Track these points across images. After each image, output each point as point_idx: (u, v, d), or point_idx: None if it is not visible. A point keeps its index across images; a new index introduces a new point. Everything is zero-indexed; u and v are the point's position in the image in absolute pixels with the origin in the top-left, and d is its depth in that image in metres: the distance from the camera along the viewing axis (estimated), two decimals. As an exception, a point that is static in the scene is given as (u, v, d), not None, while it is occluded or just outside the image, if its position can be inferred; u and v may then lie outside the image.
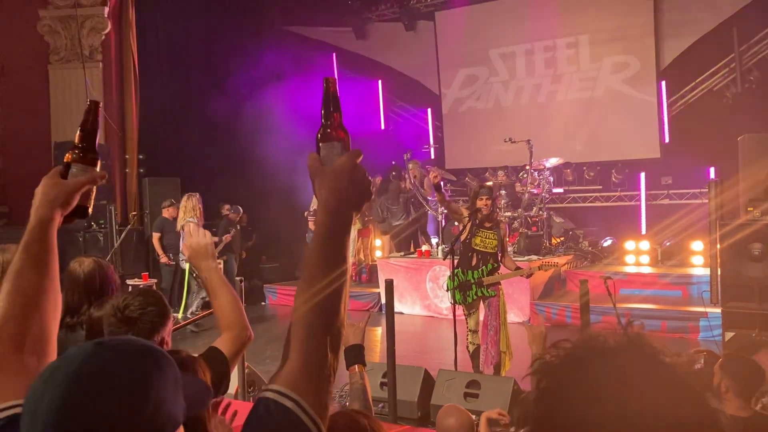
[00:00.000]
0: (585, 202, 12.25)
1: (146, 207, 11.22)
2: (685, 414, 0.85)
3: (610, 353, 0.90)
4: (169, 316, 2.49)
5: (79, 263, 3.29)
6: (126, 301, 2.41)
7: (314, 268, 1.16)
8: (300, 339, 1.13)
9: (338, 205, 1.20)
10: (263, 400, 1.08)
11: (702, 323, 8.18)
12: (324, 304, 1.15)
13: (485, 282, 6.45)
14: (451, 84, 13.97)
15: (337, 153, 1.26)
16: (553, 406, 0.90)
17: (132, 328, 2.35)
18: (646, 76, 12.08)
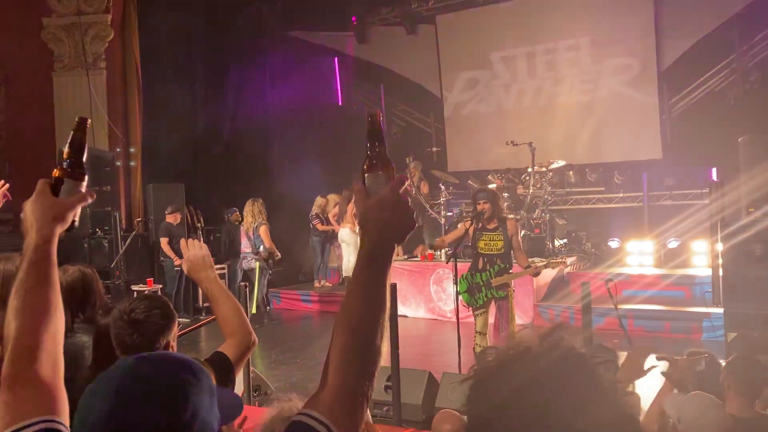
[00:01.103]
0: (587, 204, 12.28)
1: (150, 213, 11.27)
2: (592, 410, 0.91)
3: (528, 357, 0.98)
4: (175, 320, 2.53)
5: (63, 271, 3.32)
6: (132, 305, 2.45)
7: (354, 296, 1.22)
8: (337, 366, 1.18)
9: (380, 236, 1.24)
10: (297, 423, 1.16)
11: (705, 324, 8.20)
12: (362, 332, 1.20)
13: (494, 283, 6.47)
14: (453, 87, 14.01)
15: (382, 183, 1.31)
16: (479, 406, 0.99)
17: (138, 330, 2.39)
18: (648, 77, 12.10)
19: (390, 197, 1.26)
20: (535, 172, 10.77)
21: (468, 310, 6.82)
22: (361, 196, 1.29)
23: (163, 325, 2.44)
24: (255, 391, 6.07)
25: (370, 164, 1.34)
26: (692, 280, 9.38)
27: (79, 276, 3.31)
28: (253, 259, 10.22)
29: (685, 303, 9.06)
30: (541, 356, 0.97)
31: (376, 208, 1.25)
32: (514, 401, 0.94)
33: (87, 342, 3.18)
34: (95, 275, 3.44)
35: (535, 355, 0.98)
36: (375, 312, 1.21)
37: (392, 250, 1.26)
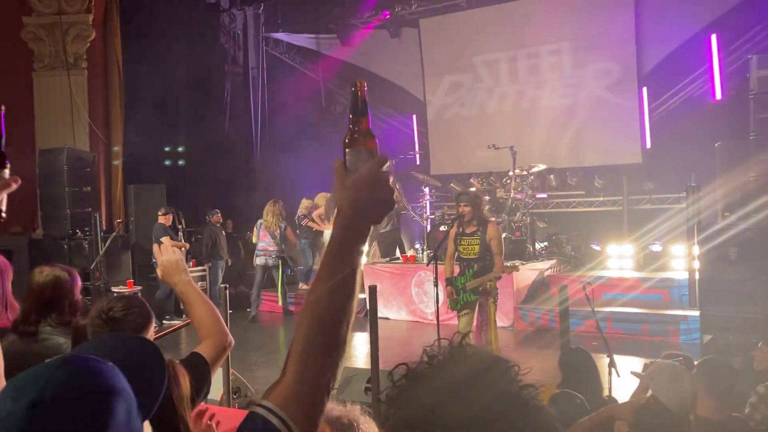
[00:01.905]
0: (568, 208, 12.38)
1: (131, 214, 11.22)
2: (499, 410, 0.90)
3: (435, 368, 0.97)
4: (152, 320, 2.54)
5: (39, 272, 3.32)
6: (110, 303, 2.47)
7: (321, 281, 1.14)
8: (298, 355, 1.13)
9: (354, 218, 1.16)
10: (252, 415, 1.10)
11: (682, 326, 8.30)
12: (326, 322, 1.13)
13: (468, 287, 6.53)
14: (436, 91, 14.07)
15: (363, 160, 1.20)
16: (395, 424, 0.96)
17: (115, 329, 2.40)
18: (628, 82, 12.23)
19: (370, 175, 1.17)
20: (516, 175, 10.84)
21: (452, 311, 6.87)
22: (339, 174, 1.19)
23: (140, 324, 2.46)
24: (235, 393, 6.07)
25: (352, 138, 1.23)
26: (671, 283, 9.48)
27: (52, 279, 3.28)
28: (278, 257, 10.83)
29: (663, 306, 9.17)
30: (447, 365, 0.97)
31: (354, 187, 1.16)
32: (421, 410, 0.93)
33: (64, 344, 3.18)
34: (73, 279, 3.40)
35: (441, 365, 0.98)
36: (342, 300, 1.13)
37: (366, 232, 1.18)
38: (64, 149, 10.64)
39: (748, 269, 6.16)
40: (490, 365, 0.96)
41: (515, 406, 0.91)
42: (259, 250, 10.88)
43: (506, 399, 0.91)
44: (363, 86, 1.30)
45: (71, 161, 10.60)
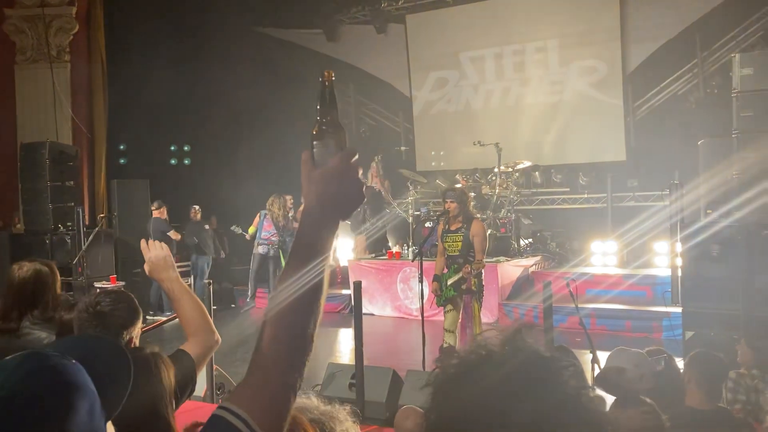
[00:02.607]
0: (553, 204, 12.43)
1: (114, 209, 11.13)
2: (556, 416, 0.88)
3: (490, 362, 0.93)
4: (140, 316, 2.53)
5: (19, 267, 3.29)
6: (98, 297, 2.46)
7: (288, 280, 1.11)
8: (263, 355, 1.10)
9: (322, 212, 1.13)
10: (215, 418, 1.07)
11: (665, 323, 8.37)
12: (293, 320, 1.10)
13: (449, 283, 6.55)
14: (422, 87, 14.07)
15: (332, 153, 1.16)
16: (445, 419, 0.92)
17: (102, 323, 2.39)
18: (613, 80, 12.30)
19: (338, 168, 1.13)
20: (501, 172, 10.87)
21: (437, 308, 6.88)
22: (307, 167, 1.15)
23: (127, 319, 2.46)
24: (219, 389, 6.04)
25: (320, 131, 1.19)
26: (654, 280, 9.55)
27: (33, 274, 3.25)
28: (280, 248, 10.80)
29: (646, 302, 9.24)
30: (505, 361, 0.92)
31: (322, 180, 1.13)
32: (477, 408, 0.89)
33: (46, 339, 3.15)
34: (53, 274, 3.37)
35: (497, 360, 0.92)
36: (309, 298, 1.11)
37: (335, 227, 1.14)
38: (47, 143, 10.53)
39: (729, 266, 6.21)
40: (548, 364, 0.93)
41: (574, 409, 0.89)
42: (263, 239, 10.88)
43: (565, 401, 0.89)
44: (331, 77, 1.25)
45: (53, 155, 10.49)
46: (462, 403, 0.91)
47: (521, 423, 0.87)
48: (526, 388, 0.89)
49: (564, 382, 0.92)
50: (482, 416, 0.89)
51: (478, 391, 0.91)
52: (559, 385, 0.91)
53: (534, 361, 0.93)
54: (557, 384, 0.91)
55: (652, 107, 12.10)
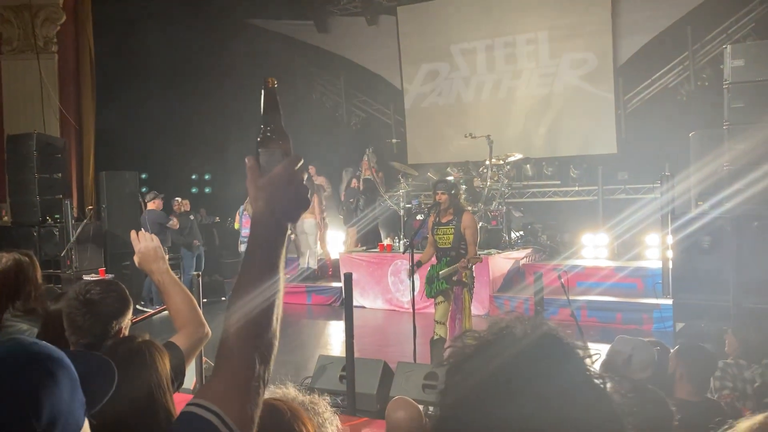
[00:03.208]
0: (544, 197, 12.43)
1: (103, 201, 11.04)
2: (577, 398, 0.86)
3: (509, 338, 0.91)
4: (130, 306, 2.49)
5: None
6: (88, 286, 2.43)
7: (246, 280, 1.16)
8: (229, 351, 1.13)
9: (271, 216, 1.18)
10: (185, 413, 1.09)
11: (655, 314, 8.39)
12: (255, 317, 1.14)
13: (441, 275, 6.52)
14: (413, 79, 14.03)
15: (277, 160, 1.20)
16: (459, 401, 0.90)
17: (91, 311, 2.36)
18: (604, 72, 12.30)
19: (284, 175, 1.18)
20: (492, 164, 10.85)
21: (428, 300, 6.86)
22: (253, 174, 1.20)
23: (117, 308, 2.42)
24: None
25: (264, 138, 1.22)
26: (644, 272, 9.58)
27: (13, 265, 3.19)
28: None
29: (637, 294, 9.26)
30: (523, 337, 0.91)
31: (269, 186, 1.18)
32: (492, 386, 0.88)
33: (27, 330, 3.09)
34: (33, 264, 3.31)
35: (515, 336, 0.91)
36: (269, 296, 1.15)
37: (285, 230, 1.20)
38: (34, 135, 10.43)
39: (720, 257, 6.23)
40: (567, 345, 0.92)
41: (594, 393, 0.88)
42: (243, 236, 10.63)
43: (584, 383, 0.89)
44: (274, 83, 1.28)
45: (41, 147, 10.39)
46: (478, 378, 0.90)
47: (539, 401, 0.85)
48: (544, 366, 0.88)
49: (583, 364, 0.90)
50: (498, 394, 0.87)
51: (494, 369, 0.89)
52: (578, 366, 0.90)
53: (553, 340, 0.91)
54: (576, 365, 0.90)
55: (643, 100, 12.11)
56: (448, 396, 0.93)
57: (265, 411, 1.69)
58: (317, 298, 11.19)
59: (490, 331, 0.95)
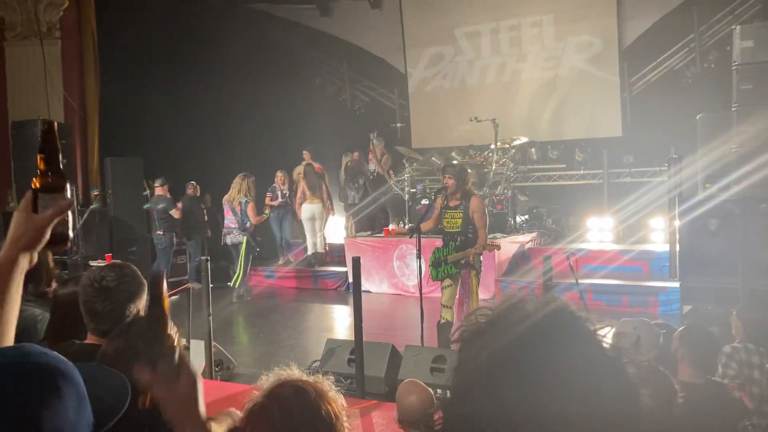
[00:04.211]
0: (549, 181, 12.40)
1: (108, 187, 11.04)
2: (605, 389, 0.86)
3: (523, 311, 0.91)
4: (145, 288, 2.50)
5: None
6: (102, 272, 2.44)
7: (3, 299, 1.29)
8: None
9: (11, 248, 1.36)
10: None
11: (661, 298, 8.40)
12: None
13: (449, 260, 6.53)
14: (417, 63, 13.95)
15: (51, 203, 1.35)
16: (472, 375, 0.90)
17: (108, 298, 2.38)
18: (609, 55, 12.22)
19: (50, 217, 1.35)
20: (497, 148, 10.82)
21: (433, 284, 6.86)
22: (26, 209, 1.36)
23: (133, 292, 2.44)
24: (217, 366, 6.05)
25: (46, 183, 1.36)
26: (650, 255, 9.58)
27: None
28: (240, 234, 10.05)
29: (642, 277, 9.26)
30: (537, 312, 0.91)
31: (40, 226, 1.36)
32: (508, 356, 0.87)
33: (39, 315, 3.11)
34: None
35: (529, 309, 0.91)
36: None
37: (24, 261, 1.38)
38: (38, 121, 10.41)
39: (727, 240, 6.21)
40: (581, 318, 0.91)
41: (610, 366, 0.88)
42: (225, 227, 10.32)
43: (600, 356, 0.88)
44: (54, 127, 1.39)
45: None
46: (491, 355, 0.89)
47: (554, 374, 0.84)
48: (558, 339, 0.88)
49: (597, 337, 0.90)
50: (512, 367, 0.86)
51: (507, 342, 0.88)
52: (592, 339, 0.89)
53: (566, 314, 0.91)
54: (590, 338, 0.90)
55: (649, 82, 12.04)
56: (462, 371, 0.93)
57: (291, 392, 1.71)
58: (323, 283, 11.22)
59: (503, 306, 0.94)
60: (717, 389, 3.52)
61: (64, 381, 0.94)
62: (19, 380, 0.90)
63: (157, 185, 10.67)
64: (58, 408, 0.91)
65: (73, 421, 0.93)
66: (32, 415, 0.88)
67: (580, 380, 0.85)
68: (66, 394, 0.93)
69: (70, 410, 0.93)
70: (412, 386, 3.71)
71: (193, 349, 5.54)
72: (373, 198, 11.58)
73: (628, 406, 0.87)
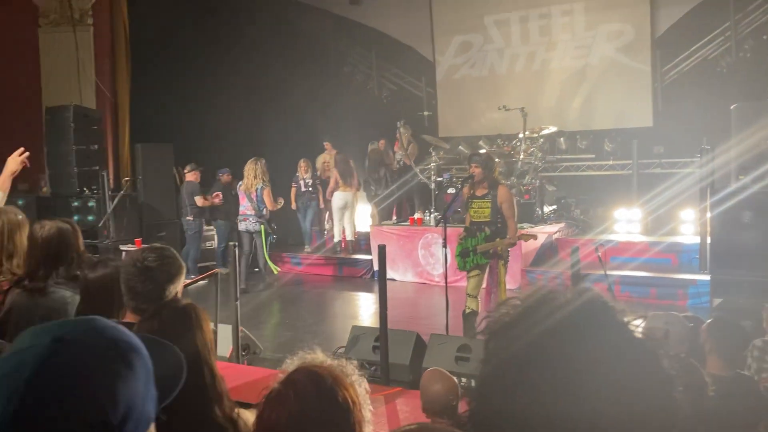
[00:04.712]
0: (577, 171, 12.27)
1: (139, 173, 11.18)
2: (641, 381, 0.84)
3: (554, 303, 0.89)
4: (183, 271, 2.63)
5: (41, 226, 3.30)
6: (144, 253, 2.56)
7: None
8: None
9: None
10: None
11: (691, 290, 8.28)
12: None
13: (479, 250, 6.50)
14: (446, 51, 13.87)
15: None
16: (502, 367, 0.88)
17: (149, 278, 2.50)
18: (641, 44, 12.03)
19: None
20: (526, 138, 10.74)
21: (459, 273, 6.84)
22: None
23: (173, 274, 2.55)
24: (244, 350, 6.11)
25: None
26: (679, 247, 9.45)
27: (56, 232, 3.26)
28: (257, 221, 9.72)
29: (671, 270, 9.14)
30: (568, 303, 0.88)
31: None
32: (539, 348, 0.85)
33: (70, 297, 3.16)
34: (75, 231, 3.38)
35: (559, 301, 0.89)
36: None
37: None
38: (71, 106, 10.56)
39: (760, 232, 6.10)
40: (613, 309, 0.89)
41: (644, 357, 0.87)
42: (240, 214, 9.89)
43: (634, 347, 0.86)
44: None
45: (78, 119, 10.53)
46: (523, 346, 0.87)
47: (587, 366, 0.83)
48: (592, 330, 0.85)
49: (630, 328, 0.88)
50: (543, 360, 0.84)
51: (541, 333, 0.86)
52: (625, 330, 0.87)
53: (599, 305, 0.89)
54: (623, 329, 0.87)
55: (681, 72, 11.83)
56: (491, 363, 0.91)
57: (307, 377, 1.72)
58: (349, 270, 11.27)
59: (534, 297, 0.92)
60: (744, 383, 3.48)
61: (136, 355, 0.93)
62: (95, 354, 0.90)
63: (187, 171, 10.74)
64: (131, 382, 0.90)
65: (144, 395, 0.93)
66: (110, 389, 0.88)
67: (615, 373, 0.83)
68: (138, 368, 0.92)
69: (141, 384, 0.92)
70: (437, 375, 3.72)
71: (221, 334, 5.61)
72: (397, 186, 11.58)
73: (663, 399, 0.86)
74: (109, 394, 0.87)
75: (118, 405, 0.87)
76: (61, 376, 0.85)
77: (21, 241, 3.45)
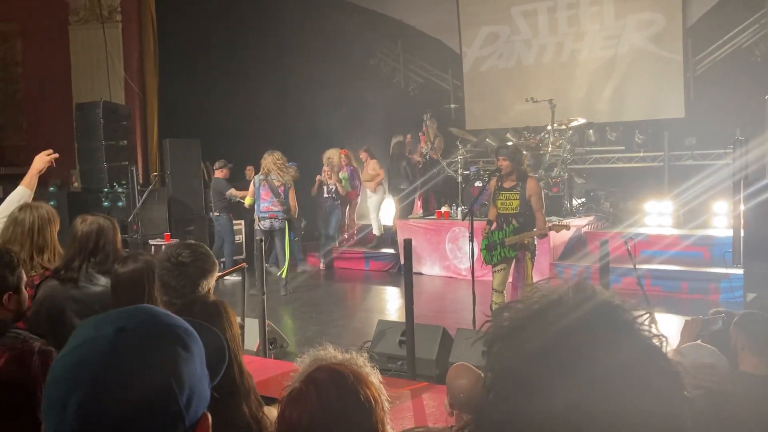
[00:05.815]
0: (607, 163, 12.10)
1: (167, 168, 11.29)
2: (649, 392, 0.80)
3: (560, 308, 0.85)
4: (216, 267, 2.70)
5: (82, 220, 3.43)
6: (179, 249, 2.65)
7: None
8: None
9: None
10: None
11: (723, 284, 8.12)
12: None
13: (507, 242, 6.43)
14: (472, 43, 13.76)
15: None
16: (512, 376, 0.84)
17: (184, 273, 2.56)
18: (672, 33, 11.80)
19: None
20: (554, 130, 10.61)
21: (486, 267, 6.79)
22: None
23: (205, 269, 2.62)
24: (271, 344, 6.14)
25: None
26: (711, 240, 9.27)
27: (96, 227, 3.37)
28: (284, 219, 9.18)
29: (703, 263, 8.98)
30: (576, 307, 0.84)
31: None
32: (541, 359, 0.81)
33: (102, 290, 3.24)
34: (114, 228, 3.50)
35: (568, 305, 0.85)
36: None
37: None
38: (100, 103, 10.70)
39: (796, 226, 5.95)
40: (623, 311, 0.85)
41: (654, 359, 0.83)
42: (263, 211, 9.19)
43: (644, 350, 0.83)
44: None
45: (107, 115, 10.67)
46: (525, 354, 0.83)
47: (593, 378, 0.79)
48: (600, 338, 0.81)
49: (645, 337, 0.84)
50: (548, 368, 0.80)
51: (543, 341, 0.83)
52: (639, 339, 0.83)
53: (610, 310, 0.85)
54: (637, 338, 0.83)
55: (714, 61, 11.57)
56: (496, 370, 0.87)
57: (329, 376, 1.71)
58: (375, 264, 11.26)
59: (540, 301, 0.87)
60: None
61: (190, 339, 0.98)
62: (158, 341, 0.94)
63: (216, 167, 10.75)
64: (191, 364, 0.95)
65: (200, 376, 0.97)
66: (176, 373, 0.92)
67: (622, 386, 0.79)
68: (194, 351, 0.97)
69: (198, 366, 0.97)
70: (463, 370, 3.68)
71: (248, 328, 5.64)
72: (423, 181, 11.52)
73: (675, 400, 0.82)
74: (176, 378, 0.91)
75: (183, 388, 0.91)
76: (130, 364, 0.89)
77: (52, 235, 3.55)
